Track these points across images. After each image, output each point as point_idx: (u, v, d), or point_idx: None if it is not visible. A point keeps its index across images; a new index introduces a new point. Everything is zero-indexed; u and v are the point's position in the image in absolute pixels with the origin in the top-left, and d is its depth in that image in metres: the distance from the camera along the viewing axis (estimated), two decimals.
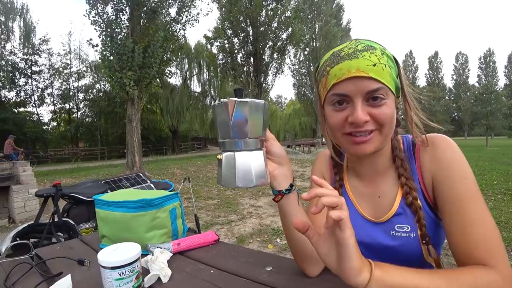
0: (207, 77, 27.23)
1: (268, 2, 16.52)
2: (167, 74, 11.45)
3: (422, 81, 68.30)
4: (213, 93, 28.09)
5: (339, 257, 0.44)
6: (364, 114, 0.55)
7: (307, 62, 25.90)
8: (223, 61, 18.28)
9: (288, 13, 16.79)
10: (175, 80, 26.71)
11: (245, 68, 17.61)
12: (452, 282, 0.47)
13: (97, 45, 9.60)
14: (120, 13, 9.80)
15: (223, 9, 16.56)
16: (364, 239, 0.65)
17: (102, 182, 1.78)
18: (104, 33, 9.35)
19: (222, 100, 0.52)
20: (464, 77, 65.54)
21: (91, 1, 9.35)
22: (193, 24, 11.38)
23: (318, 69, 0.63)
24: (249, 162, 0.52)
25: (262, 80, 17.63)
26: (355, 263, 0.43)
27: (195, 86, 28.14)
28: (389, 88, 0.56)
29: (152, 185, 1.52)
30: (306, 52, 25.80)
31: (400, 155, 0.64)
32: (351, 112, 0.56)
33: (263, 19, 16.58)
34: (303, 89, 27.58)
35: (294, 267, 0.72)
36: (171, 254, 0.82)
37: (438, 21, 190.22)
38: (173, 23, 10.79)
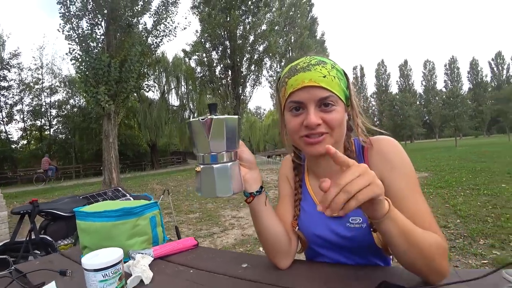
0: (186, 90, 27.14)
1: (245, 16, 16.90)
2: (145, 88, 11.36)
3: (394, 88, 71.61)
4: (191, 106, 27.94)
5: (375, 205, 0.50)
6: (316, 118, 0.65)
7: None
8: (201, 74, 18.36)
9: (264, 27, 17.23)
10: (153, 94, 26.38)
11: (223, 81, 17.76)
12: (429, 235, 0.57)
13: (73, 59, 9.39)
14: (96, 27, 9.71)
15: (203, 22, 16.72)
16: (324, 232, 0.74)
17: (80, 197, 1.76)
18: (79, 48, 9.20)
19: (200, 118, 0.57)
20: (432, 83, 69.47)
21: (65, 16, 9.21)
22: (170, 38, 11.43)
23: (279, 81, 0.74)
24: (226, 173, 0.59)
25: (240, 92, 17.82)
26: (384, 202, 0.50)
27: (173, 100, 27.91)
28: (338, 97, 0.66)
29: (131, 199, 1.53)
30: (282, 63, 26.40)
31: (351, 155, 0.73)
32: (306, 117, 0.66)
33: (240, 32, 16.90)
34: None
35: (268, 262, 0.79)
36: (152, 259, 0.86)
37: (407, 30, 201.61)
38: (150, 36, 10.78)
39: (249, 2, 16.65)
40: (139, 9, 10.21)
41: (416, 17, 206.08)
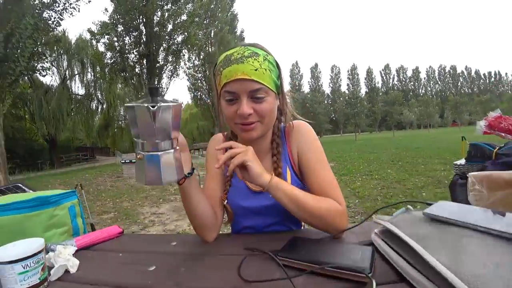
0: (93, 77, 24.01)
1: (164, 2, 15.90)
2: (40, 71, 9.49)
3: (306, 88, 78.47)
4: (99, 96, 24.97)
5: (248, 171, 0.68)
6: (248, 108, 0.72)
7: (202, 67, 25.90)
8: (112, 60, 16.54)
9: (184, 17, 16.56)
10: (51, 80, 22.53)
11: (137, 70, 16.42)
12: (319, 200, 0.73)
13: None
14: None
15: (116, 1, 14.96)
16: (252, 204, 0.85)
17: None
18: None
19: (148, 105, 0.54)
20: (337, 85, 78.65)
21: None
22: (72, 12, 9.78)
23: (215, 67, 0.79)
24: (171, 160, 0.59)
25: (156, 83, 16.80)
26: (258, 170, 0.68)
27: (77, 88, 24.51)
28: (269, 88, 0.73)
29: None
30: (201, 56, 25.88)
31: (277, 139, 0.85)
32: (239, 107, 0.72)
33: (158, 19, 15.84)
34: (199, 93, 26.98)
35: (195, 238, 0.85)
36: (76, 248, 0.80)
37: (318, 36, 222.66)
38: (46, 10, 8.99)
39: None
40: None
41: (325, 25, 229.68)
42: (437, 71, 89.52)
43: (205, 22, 25.33)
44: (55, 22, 9.12)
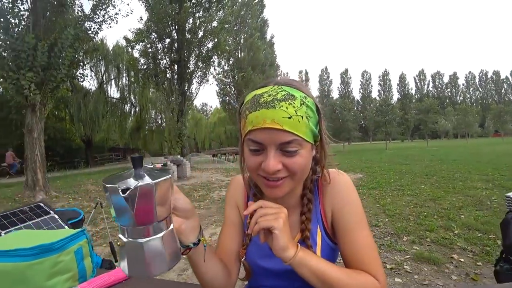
0: (127, 82, 25.25)
1: (196, 9, 16.33)
2: (78, 78, 10.06)
3: (335, 94, 76.95)
4: (133, 100, 26.15)
5: (273, 240, 0.59)
6: (275, 163, 0.59)
7: (231, 72, 26.27)
8: (145, 66, 17.24)
9: (215, 23, 16.88)
10: (89, 84, 24.03)
11: (168, 75, 16.94)
12: (350, 277, 0.61)
13: None
14: (19, 2, 8.21)
15: (150, 9, 15.63)
16: (274, 266, 0.72)
17: None
18: None
19: (119, 187, 0.42)
20: (368, 91, 76.46)
21: None
22: (110, 24, 10.37)
23: (242, 106, 0.66)
24: (159, 248, 0.47)
25: (186, 88, 17.21)
26: (284, 243, 0.59)
27: (113, 92, 25.92)
28: (305, 139, 0.60)
29: (56, 216, 1.32)
30: (230, 62, 26.26)
31: (308, 195, 0.72)
32: (265, 159, 0.60)
33: (190, 26, 16.29)
34: (227, 98, 27.32)
35: None
36: None
37: (349, 41, 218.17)
38: (87, 21, 9.60)
39: None
40: None
41: (356, 30, 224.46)
42: (478, 77, 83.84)
43: (235, 28, 25.73)
44: (94, 32, 9.68)
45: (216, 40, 16.86)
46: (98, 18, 9.78)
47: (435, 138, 59.63)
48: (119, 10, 14.92)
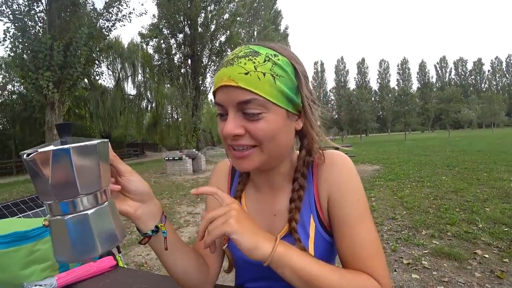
0: (143, 78, 25.77)
1: (207, 3, 16.31)
2: (94, 75, 10.37)
3: (352, 84, 75.40)
4: (149, 96, 26.65)
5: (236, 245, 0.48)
6: (234, 127, 0.52)
7: None
8: (159, 62, 17.47)
9: (226, 16, 16.81)
10: (107, 82, 24.72)
11: (182, 70, 17.07)
12: (343, 278, 0.50)
13: (4, 40, 8.21)
14: (35, 4, 8.50)
15: (161, 6, 15.79)
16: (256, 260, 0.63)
17: None
18: (14, 26, 8.02)
19: (27, 152, 0.36)
20: (386, 81, 74.33)
21: None
22: (124, 23, 10.58)
23: None
24: (87, 227, 0.41)
25: (200, 82, 17.29)
26: (249, 244, 0.48)
27: (130, 88, 26.57)
28: (269, 100, 0.51)
29: None
30: None
31: (300, 180, 0.61)
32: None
33: (202, 20, 16.29)
34: None
35: None
36: None
37: (365, 30, 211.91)
38: (101, 20, 9.82)
39: None
40: None
41: (372, 18, 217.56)
42: (505, 62, 79.31)
43: (248, 20, 25.55)
44: (107, 30, 9.90)
45: (228, 32, 16.80)
46: (111, 16, 9.97)
47: (457, 129, 57.21)
48: (133, 10, 14.91)
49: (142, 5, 30.10)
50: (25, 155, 0.36)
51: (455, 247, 2.94)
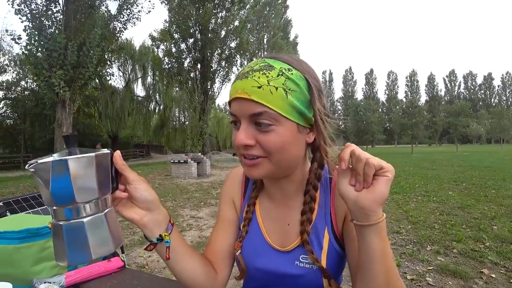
0: (152, 81, 26.09)
1: (218, 9, 16.54)
2: (105, 76, 10.57)
3: (359, 95, 75.15)
4: (157, 98, 26.95)
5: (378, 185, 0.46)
6: (246, 138, 0.54)
7: None
8: (169, 65, 17.69)
9: (236, 23, 17.00)
10: (117, 83, 25.10)
11: (191, 74, 17.25)
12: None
13: (19, 38, 8.43)
14: (52, 4, 8.75)
15: (172, 12, 16.07)
16: (267, 266, 0.64)
17: (1, 203, 1.48)
18: (31, 25, 8.24)
19: (30, 163, 0.40)
20: (394, 92, 73.96)
21: None
22: (134, 22, 10.78)
23: None
24: (82, 233, 0.43)
25: (208, 87, 17.43)
26: (387, 193, 0.46)
27: (139, 90, 26.93)
28: (280, 114, 0.52)
29: None
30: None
31: (312, 192, 0.61)
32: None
33: (212, 26, 16.50)
34: None
35: None
36: (64, 287, 0.71)
37: (374, 41, 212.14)
38: (114, 21, 10.04)
39: None
40: None
41: (381, 29, 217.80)
42: None
43: (258, 27, 25.79)
44: (119, 31, 10.12)
45: (238, 39, 16.98)
46: (123, 17, 10.20)
47: (465, 143, 56.44)
48: (142, 8, 15.06)
49: (149, 1, 30.37)
50: (27, 165, 0.40)
51: (461, 265, 2.88)
